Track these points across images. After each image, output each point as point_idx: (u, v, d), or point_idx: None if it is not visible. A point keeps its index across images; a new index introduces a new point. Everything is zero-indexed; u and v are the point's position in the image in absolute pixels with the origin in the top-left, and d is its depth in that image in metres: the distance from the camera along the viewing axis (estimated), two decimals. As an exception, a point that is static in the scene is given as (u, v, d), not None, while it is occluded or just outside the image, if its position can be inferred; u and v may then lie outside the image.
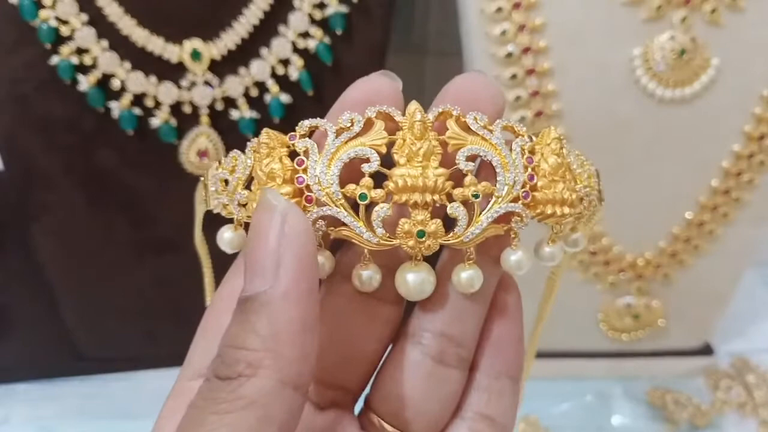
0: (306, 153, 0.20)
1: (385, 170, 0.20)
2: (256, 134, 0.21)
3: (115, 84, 0.42)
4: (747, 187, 0.48)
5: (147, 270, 0.51)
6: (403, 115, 0.20)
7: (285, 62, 0.44)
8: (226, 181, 0.21)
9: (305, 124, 0.20)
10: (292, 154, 0.20)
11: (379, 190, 0.19)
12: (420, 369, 0.22)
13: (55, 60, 0.41)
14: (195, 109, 0.44)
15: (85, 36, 0.41)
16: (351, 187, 0.19)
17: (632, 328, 0.56)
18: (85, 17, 0.40)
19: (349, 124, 0.20)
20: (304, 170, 0.20)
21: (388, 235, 0.20)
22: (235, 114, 0.44)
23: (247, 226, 0.21)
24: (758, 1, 0.42)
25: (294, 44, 0.43)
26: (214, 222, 0.22)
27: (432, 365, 0.22)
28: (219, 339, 0.19)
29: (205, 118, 0.44)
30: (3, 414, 0.54)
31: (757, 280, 0.67)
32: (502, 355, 0.22)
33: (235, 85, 0.44)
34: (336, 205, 0.19)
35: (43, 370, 0.56)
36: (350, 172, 0.20)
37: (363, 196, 0.19)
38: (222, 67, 0.43)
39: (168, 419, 0.20)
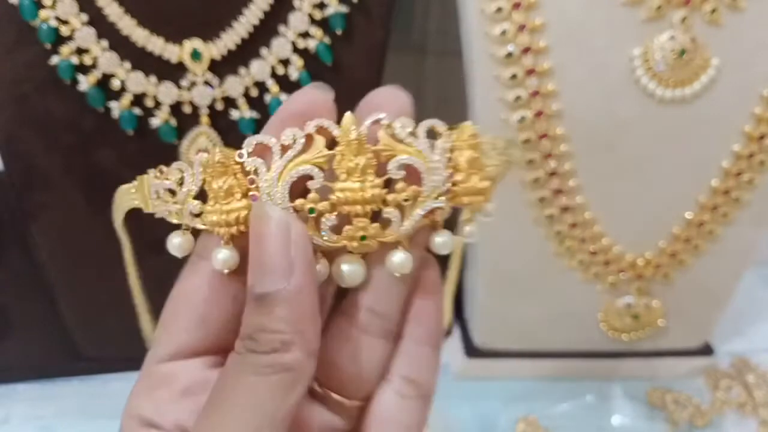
0: (255, 172, 0.22)
1: (328, 183, 0.22)
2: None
3: (115, 84, 0.42)
4: (747, 187, 0.48)
5: (147, 270, 0.51)
6: (338, 123, 0.22)
7: (285, 62, 0.44)
8: (172, 191, 0.23)
9: (252, 142, 0.22)
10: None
11: (325, 203, 0.22)
12: (349, 339, 0.25)
13: (55, 60, 0.41)
14: (195, 109, 0.44)
15: (85, 36, 0.41)
16: (300, 201, 0.22)
17: (632, 328, 0.56)
18: (85, 17, 0.40)
19: (291, 142, 0.22)
20: (257, 188, 0.22)
21: (335, 238, 0.23)
22: (235, 114, 0.44)
23: (194, 232, 0.24)
24: (758, 1, 0.42)
25: (294, 44, 0.43)
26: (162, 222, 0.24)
27: (358, 335, 0.25)
28: (180, 331, 0.24)
29: (205, 118, 0.44)
30: (3, 414, 0.54)
31: (757, 280, 0.67)
32: (424, 326, 0.25)
33: (235, 85, 0.44)
34: None
35: (43, 370, 0.56)
36: (299, 181, 0.22)
37: (311, 210, 0.22)
38: (222, 67, 0.43)
39: (139, 396, 0.24)
